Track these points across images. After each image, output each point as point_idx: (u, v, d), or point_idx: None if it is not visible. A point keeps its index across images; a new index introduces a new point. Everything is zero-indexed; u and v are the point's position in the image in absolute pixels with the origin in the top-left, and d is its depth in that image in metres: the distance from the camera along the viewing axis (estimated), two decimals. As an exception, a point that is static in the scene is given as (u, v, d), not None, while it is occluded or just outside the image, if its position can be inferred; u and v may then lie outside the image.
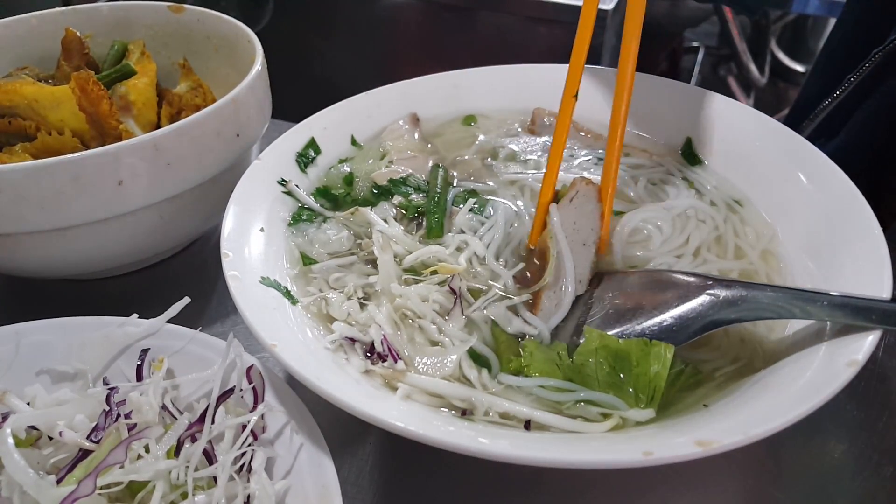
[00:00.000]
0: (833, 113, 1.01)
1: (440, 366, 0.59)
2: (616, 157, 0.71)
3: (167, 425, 0.56)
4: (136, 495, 0.52)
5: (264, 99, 0.85)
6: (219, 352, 0.60)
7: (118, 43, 0.94)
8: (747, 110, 0.79)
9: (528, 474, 0.62)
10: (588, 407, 0.55)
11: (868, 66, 0.95)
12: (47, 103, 0.81)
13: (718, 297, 0.57)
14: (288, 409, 0.57)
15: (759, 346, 0.60)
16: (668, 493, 0.61)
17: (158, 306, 0.65)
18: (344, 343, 0.61)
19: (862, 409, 0.67)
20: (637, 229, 0.72)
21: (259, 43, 0.86)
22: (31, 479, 0.50)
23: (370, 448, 0.65)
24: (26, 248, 0.71)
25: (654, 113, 0.84)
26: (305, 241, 0.72)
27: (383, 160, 0.83)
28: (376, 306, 0.64)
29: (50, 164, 0.66)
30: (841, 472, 0.62)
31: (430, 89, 0.89)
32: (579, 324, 0.62)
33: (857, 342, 0.51)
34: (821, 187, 0.67)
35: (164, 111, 0.88)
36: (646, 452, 0.45)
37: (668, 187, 0.78)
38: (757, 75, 2.37)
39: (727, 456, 0.46)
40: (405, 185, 0.79)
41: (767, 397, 0.52)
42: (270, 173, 0.75)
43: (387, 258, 0.67)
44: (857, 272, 0.58)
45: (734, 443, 0.46)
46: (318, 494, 0.52)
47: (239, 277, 0.60)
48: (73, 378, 0.63)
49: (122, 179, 0.69)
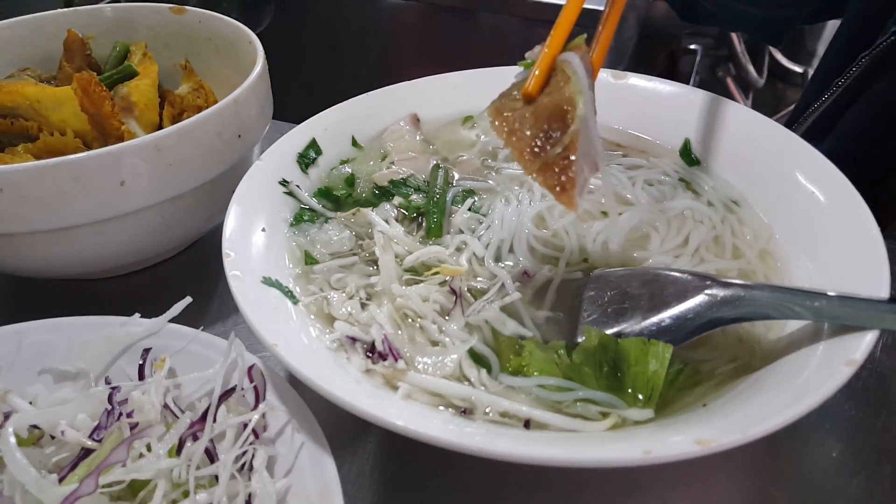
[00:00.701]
0: (822, 116, 1.02)
1: (441, 365, 0.59)
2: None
3: (169, 424, 0.57)
4: (137, 494, 0.53)
5: (265, 100, 0.85)
6: (220, 351, 0.61)
7: (120, 44, 0.95)
8: (746, 111, 0.79)
9: (528, 473, 0.62)
10: (587, 406, 0.56)
11: (855, 70, 0.95)
12: (49, 104, 0.81)
13: (716, 297, 0.57)
14: (289, 409, 0.57)
15: (757, 345, 0.60)
16: (668, 493, 0.61)
17: (160, 306, 0.65)
18: (345, 342, 0.61)
19: (860, 409, 0.67)
20: (635, 229, 0.72)
21: (260, 44, 0.86)
22: (33, 478, 0.51)
23: (371, 447, 0.65)
24: (28, 248, 0.72)
25: (652, 114, 0.85)
26: (307, 241, 0.73)
27: (384, 161, 0.83)
28: (377, 306, 0.64)
29: (52, 165, 0.66)
30: (839, 471, 0.62)
31: (430, 90, 0.89)
32: (578, 323, 0.63)
33: (855, 341, 0.51)
34: (819, 187, 0.68)
35: (166, 112, 0.88)
36: (645, 451, 0.46)
37: (665, 188, 0.78)
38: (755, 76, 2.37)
39: (726, 455, 0.46)
40: (406, 186, 0.80)
41: (766, 396, 0.52)
42: (272, 174, 0.75)
43: (388, 259, 0.68)
44: (854, 272, 0.58)
45: (733, 441, 0.46)
46: (319, 493, 0.52)
47: (240, 277, 0.60)
48: (75, 377, 0.64)
49: (123, 180, 0.69)
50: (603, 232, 0.72)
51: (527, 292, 0.67)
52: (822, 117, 1.02)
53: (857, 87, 0.97)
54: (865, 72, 0.95)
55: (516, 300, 0.66)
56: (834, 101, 1.00)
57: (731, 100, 0.82)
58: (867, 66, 0.94)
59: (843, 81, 0.97)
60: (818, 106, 1.01)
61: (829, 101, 1.00)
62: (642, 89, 0.86)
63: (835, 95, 0.99)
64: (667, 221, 0.73)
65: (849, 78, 0.96)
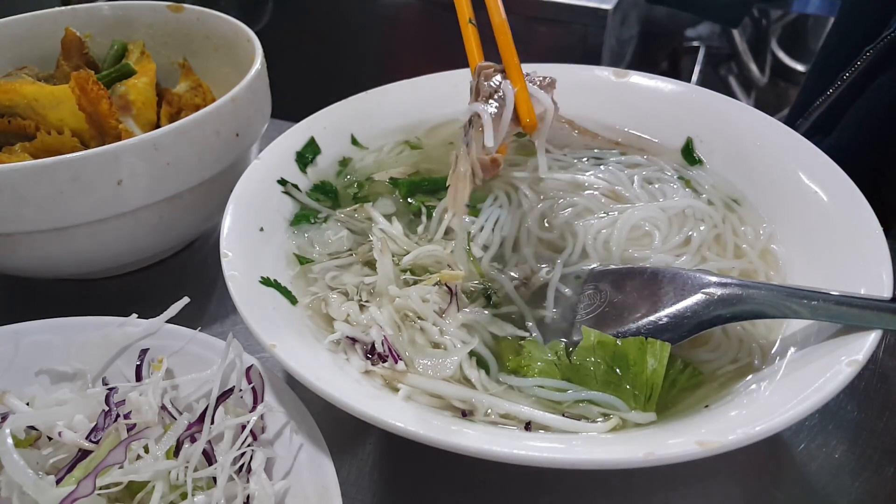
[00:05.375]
0: (827, 111, 1.02)
1: (441, 367, 0.59)
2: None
3: (166, 425, 0.56)
4: (135, 496, 0.52)
5: (264, 98, 0.85)
6: (218, 352, 0.60)
7: (118, 42, 0.94)
8: (748, 110, 0.79)
9: (529, 475, 0.62)
10: (589, 406, 0.55)
11: (860, 64, 0.95)
12: (47, 103, 0.80)
13: (714, 296, 0.57)
14: (287, 410, 0.57)
15: (758, 345, 0.60)
16: (669, 494, 0.61)
17: (158, 306, 0.64)
18: (345, 343, 0.61)
19: (862, 409, 0.67)
20: (636, 227, 0.72)
21: (258, 42, 0.86)
22: (31, 480, 0.50)
23: (370, 448, 0.65)
24: (25, 247, 0.71)
25: (654, 112, 0.84)
26: (305, 241, 0.72)
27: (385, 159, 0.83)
28: (377, 307, 0.64)
29: (49, 164, 0.66)
30: (841, 472, 0.62)
31: (430, 89, 0.89)
32: (576, 322, 0.62)
33: (858, 342, 0.51)
34: (821, 186, 0.67)
35: (164, 111, 0.88)
36: (647, 452, 0.45)
37: (664, 186, 0.78)
38: (757, 75, 2.37)
39: (728, 456, 0.46)
40: (407, 185, 0.79)
41: (767, 397, 0.52)
42: (270, 173, 0.75)
43: (386, 260, 0.67)
44: (857, 271, 0.58)
45: (735, 443, 0.46)
46: (318, 495, 0.52)
47: (238, 277, 0.60)
48: (73, 378, 0.63)
49: (121, 179, 0.69)
50: (604, 231, 0.72)
51: (526, 292, 0.67)
52: (827, 111, 1.02)
53: (861, 82, 0.97)
54: (870, 66, 0.95)
55: (516, 300, 0.66)
56: (838, 95, 0.99)
57: (733, 98, 0.81)
58: (871, 59, 0.94)
59: (848, 76, 0.97)
60: (822, 101, 1.01)
61: (834, 96, 0.99)
62: (644, 88, 0.86)
63: (839, 90, 0.99)
64: (667, 220, 0.73)
65: (854, 72, 0.96)
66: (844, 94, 0.99)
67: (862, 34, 1.00)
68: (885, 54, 0.93)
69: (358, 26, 1.87)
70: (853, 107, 1.00)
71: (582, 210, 0.75)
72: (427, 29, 1.79)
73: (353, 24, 1.87)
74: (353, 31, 1.88)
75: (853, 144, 0.99)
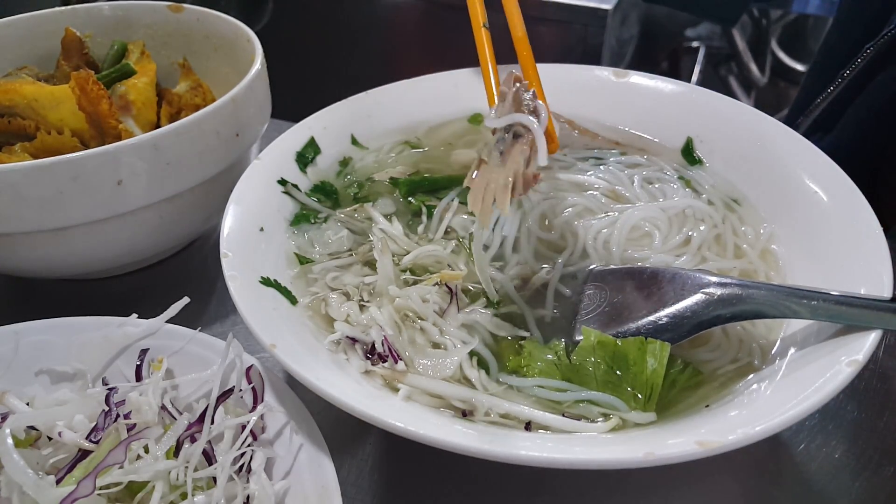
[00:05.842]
0: (828, 109, 1.02)
1: (441, 367, 0.59)
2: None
3: (166, 425, 0.56)
4: (135, 496, 0.52)
5: (264, 98, 0.85)
6: (218, 352, 0.60)
7: (118, 42, 0.94)
8: (748, 110, 0.79)
9: (528, 475, 0.62)
10: (589, 407, 0.55)
11: (861, 62, 0.95)
12: (47, 103, 0.80)
13: (714, 296, 0.57)
14: (287, 410, 0.57)
15: (758, 345, 0.60)
16: (669, 494, 0.61)
17: (158, 306, 0.64)
18: (345, 343, 0.61)
19: (862, 409, 0.67)
20: (636, 227, 0.72)
21: (258, 42, 0.86)
22: (31, 480, 0.50)
23: (370, 449, 0.65)
24: (25, 247, 0.71)
25: (654, 112, 0.84)
26: (305, 241, 0.72)
27: (385, 159, 0.83)
28: (377, 307, 0.64)
29: (49, 164, 0.66)
30: (841, 473, 0.62)
31: (430, 89, 0.89)
32: (576, 322, 0.62)
33: (858, 342, 0.51)
34: (821, 186, 0.67)
35: (164, 111, 0.88)
36: (647, 452, 0.45)
37: (664, 186, 0.78)
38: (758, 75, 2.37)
39: (728, 456, 0.46)
40: (407, 185, 0.79)
41: (768, 397, 0.52)
42: (270, 173, 0.75)
43: (386, 260, 0.67)
44: (857, 271, 0.58)
45: (735, 443, 0.46)
46: (318, 495, 0.52)
47: (238, 277, 0.60)
48: (73, 378, 0.63)
49: (121, 179, 0.69)
50: (604, 231, 0.72)
51: (526, 292, 0.67)
52: (827, 109, 1.02)
53: (861, 79, 0.97)
54: (871, 62, 0.95)
55: (516, 300, 0.66)
56: (839, 93, 0.99)
57: (733, 98, 0.81)
58: (872, 56, 0.94)
59: (849, 73, 0.97)
60: (823, 99, 1.01)
61: (834, 93, 1.00)
62: (644, 88, 0.86)
63: (840, 88, 0.99)
64: (667, 220, 0.73)
65: (854, 69, 0.96)
66: (845, 92, 0.99)
67: (862, 31, 1.00)
68: (886, 51, 0.93)
69: (358, 26, 1.87)
70: (854, 104, 1.00)
71: (582, 210, 0.75)
72: (427, 29, 1.79)
73: (353, 24, 1.87)
74: (353, 31, 1.88)
75: (854, 142, 0.99)
